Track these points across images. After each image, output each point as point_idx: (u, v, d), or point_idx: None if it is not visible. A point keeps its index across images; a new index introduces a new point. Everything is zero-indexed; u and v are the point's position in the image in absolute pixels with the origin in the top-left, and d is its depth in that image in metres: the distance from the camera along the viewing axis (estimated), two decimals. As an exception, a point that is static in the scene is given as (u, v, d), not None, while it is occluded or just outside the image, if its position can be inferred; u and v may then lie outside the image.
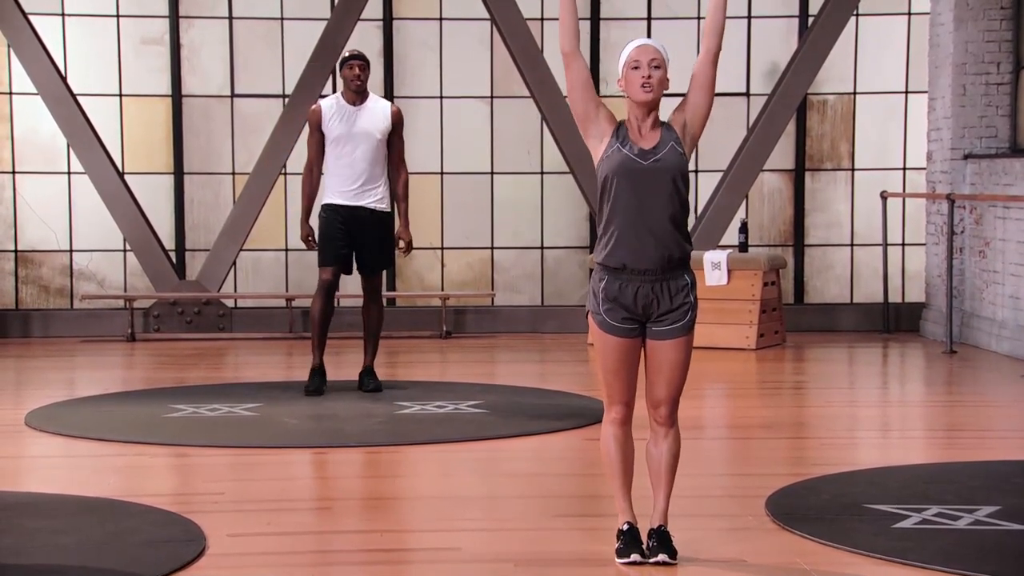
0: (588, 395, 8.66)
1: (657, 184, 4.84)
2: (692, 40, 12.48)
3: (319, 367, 8.69)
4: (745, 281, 11.09)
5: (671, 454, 5.01)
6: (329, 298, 8.65)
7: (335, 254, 8.60)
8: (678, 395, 4.98)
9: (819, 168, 12.76)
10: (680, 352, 4.93)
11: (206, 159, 12.54)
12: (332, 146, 8.60)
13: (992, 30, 11.55)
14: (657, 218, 4.84)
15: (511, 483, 6.44)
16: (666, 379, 4.94)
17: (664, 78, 4.90)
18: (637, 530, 5.00)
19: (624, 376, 4.95)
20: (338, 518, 5.79)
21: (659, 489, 5.02)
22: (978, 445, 7.45)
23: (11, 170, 12.31)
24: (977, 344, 11.20)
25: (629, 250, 4.86)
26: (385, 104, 8.77)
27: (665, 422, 4.99)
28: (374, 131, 8.59)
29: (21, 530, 5.43)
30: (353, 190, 8.58)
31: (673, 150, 4.88)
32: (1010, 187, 10.83)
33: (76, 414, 8.11)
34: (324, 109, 8.64)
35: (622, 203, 4.86)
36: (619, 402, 4.97)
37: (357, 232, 8.58)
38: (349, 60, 8.66)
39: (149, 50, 12.46)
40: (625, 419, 4.99)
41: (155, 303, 12.14)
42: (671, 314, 4.91)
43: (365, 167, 8.57)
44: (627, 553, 4.95)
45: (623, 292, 4.89)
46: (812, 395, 9.35)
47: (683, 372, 4.95)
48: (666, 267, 4.87)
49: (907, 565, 4.96)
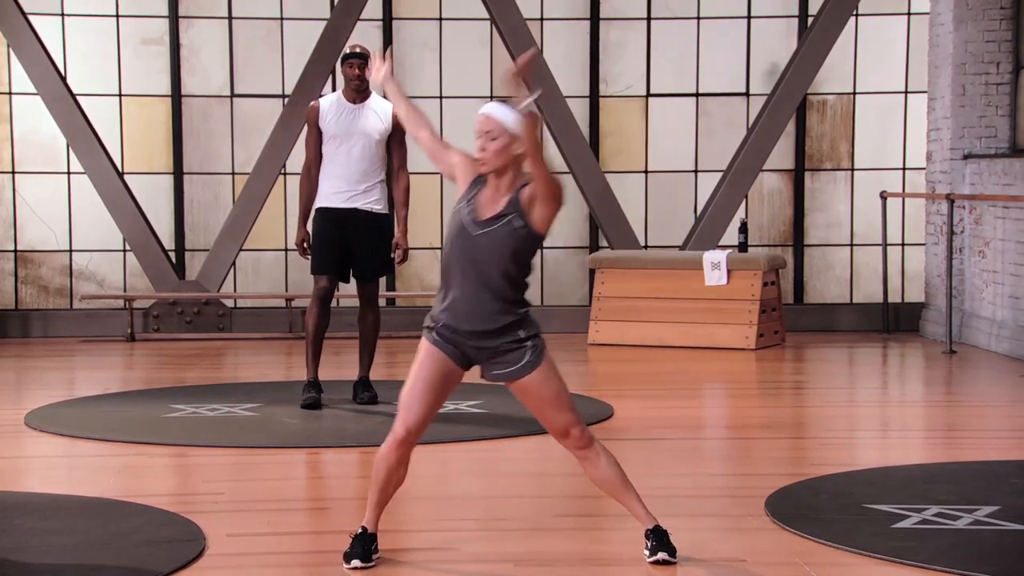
0: (588, 395, 8.66)
1: (486, 254, 4.81)
2: (692, 40, 12.49)
3: (314, 380, 8.31)
4: (745, 281, 11.09)
5: (612, 467, 4.97)
6: (325, 308, 8.25)
7: (330, 261, 8.24)
8: (574, 416, 4.92)
9: (819, 168, 12.76)
10: (540, 386, 4.89)
11: (206, 159, 12.55)
12: (329, 145, 8.26)
13: (992, 30, 11.55)
14: (478, 286, 4.82)
15: (511, 483, 6.44)
16: (548, 410, 4.91)
17: (503, 148, 4.80)
18: (371, 536, 4.97)
19: (425, 399, 4.89)
20: (338, 518, 5.78)
21: (627, 499, 4.99)
22: (978, 445, 7.45)
23: (11, 170, 12.32)
24: (977, 344, 11.20)
25: (458, 311, 4.85)
26: (386, 105, 8.34)
27: (582, 444, 4.94)
28: (372, 131, 8.26)
29: (21, 530, 5.43)
30: (349, 191, 8.23)
31: (509, 225, 4.80)
32: (1010, 187, 10.83)
33: (76, 414, 8.11)
34: (322, 106, 8.32)
35: (454, 264, 4.86)
36: (403, 423, 4.89)
37: (353, 236, 8.22)
38: (350, 58, 8.28)
39: (149, 50, 12.47)
40: (404, 441, 4.91)
41: (155, 303, 12.14)
42: (504, 359, 4.89)
43: (362, 168, 8.23)
44: (349, 558, 4.95)
45: (456, 339, 4.88)
46: (812, 395, 9.35)
47: (560, 398, 4.90)
48: (486, 331, 4.85)
49: (907, 565, 4.96)
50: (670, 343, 11.14)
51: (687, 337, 11.13)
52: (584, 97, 12.57)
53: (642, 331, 11.25)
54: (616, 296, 11.40)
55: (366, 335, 8.38)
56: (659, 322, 11.25)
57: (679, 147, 12.70)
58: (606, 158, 12.62)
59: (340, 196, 8.26)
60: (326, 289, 8.24)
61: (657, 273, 11.38)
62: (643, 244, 12.56)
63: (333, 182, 8.28)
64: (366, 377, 8.44)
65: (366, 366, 8.42)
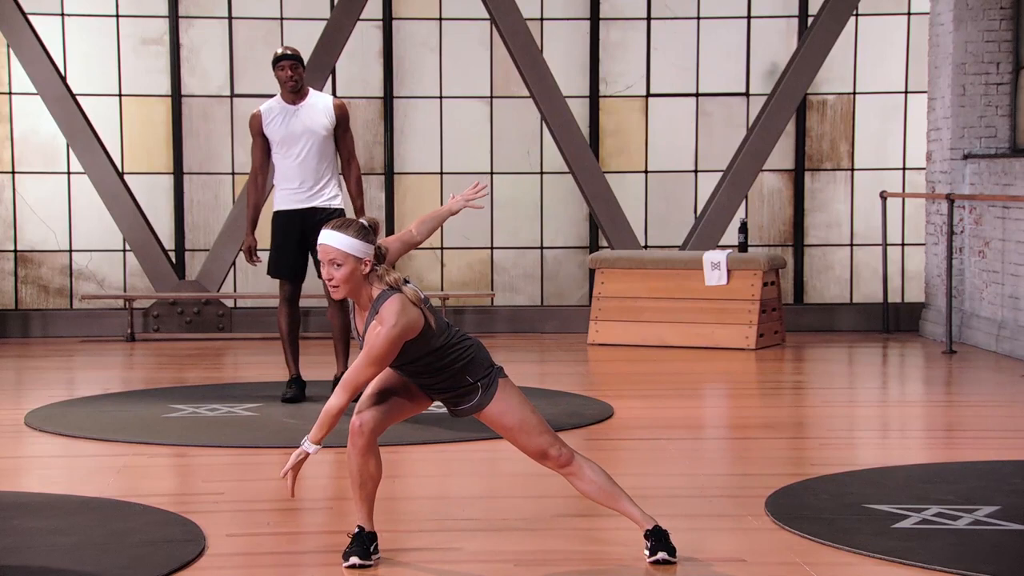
0: (588, 395, 8.66)
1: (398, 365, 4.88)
2: (692, 40, 12.49)
3: (297, 376, 8.50)
4: (745, 281, 11.09)
5: (599, 475, 4.97)
6: (293, 309, 8.44)
7: (289, 265, 8.41)
8: (548, 437, 4.92)
9: (819, 168, 12.76)
10: (504, 415, 4.91)
11: (206, 159, 12.55)
12: (277, 148, 8.33)
13: (992, 30, 11.55)
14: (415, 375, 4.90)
15: (511, 483, 6.44)
16: (520, 436, 4.93)
17: (350, 274, 4.74)
18: (369, 535, 5.01)
19: (383, 395, 4.97)
20: (338, 518, 5.78)
21: (620, 505, 4.99)
22: (978, 445, 7.45)
23: (11, 170, 12.32)
24: (977, 344, 11.20)
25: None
26: (327, 99, 8.45)
27: (563, 463, 4.94)
28: (318, 128, 8.29)
29: (21, 530, 5.43)
30: (303, 191, 8.32)
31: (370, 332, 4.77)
32: (1010, 187, 10.83)
33: (76, 414, 8.10)
34: (264, 112, 8.37)
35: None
36: (363, 409, 4.97)
37: (313, 235, 8.08)
38: (280, 60, 8.31)
39: (149, 50, 12.46)
40: (358, 433, 4.98)
41: (155, 303, 12.14)
42: (464, 399, 4.92)
43: (313, 166, 8.29)
44: (347, 556, 4.98)
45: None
46: (812, 395, 9.35)
47: (527, 422, 4.91)
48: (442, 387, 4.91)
49: (907, 565, 4.96)
50: (670, 343, 11.14)
51: (687, 337, 11.13)
52: (584, 97, 12.57)
53: (642, 331, 11.24)
54: (616, 296, 11.40)
55: (338, 332, 8.47)
56: (659, 322, 11.25)
57: (679, 147, 12.70)
58: (606, 158, 12.62)
59: (296, 197, 8.38)
60: (291, 291, 8.48)
61: (657, 273, 11.38)
62: (643, 244, 12.56)
63: (287, 185, 8.38)
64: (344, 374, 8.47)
65: (343, 362, 8.49)
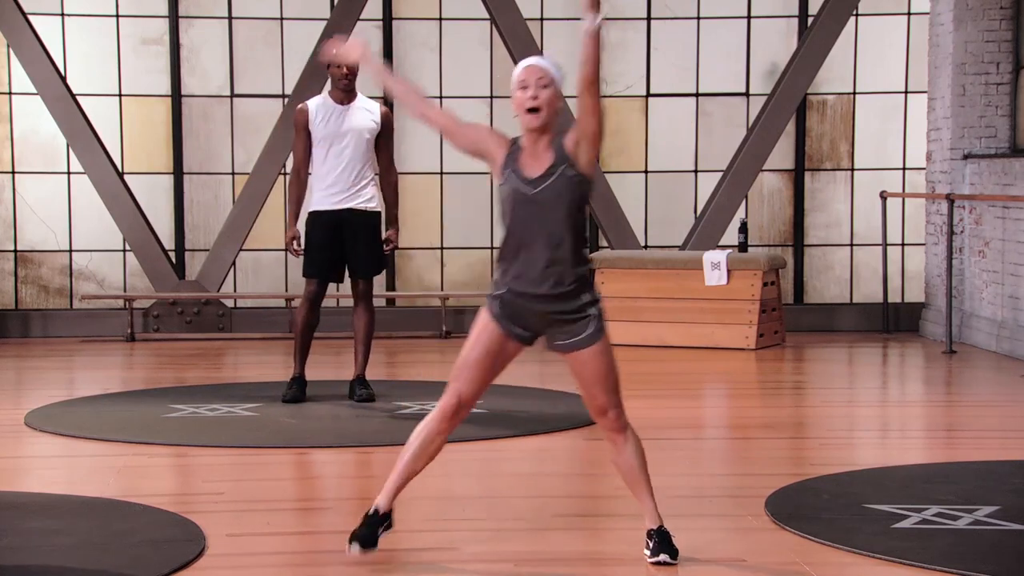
0: (588, 395, 8.65)
1: (545, 212, 4.80)
2: (692, 40, 12.49)
3: (299, 376, 8.42)
4: (745, 281, 11.09)
5: (637, 457, 4.99)
6: (314, 309, 8.33)
7: (322, 265, 8.29)
8: (616, 398, 4.94)
9: (819, 168, 12.76)
10: (596, 360, 4.90)
11: (206, 159, 12.54)
12: (319, 147, 8.25)
13: (992, 30, 11.55)
14: (546, 246, 4.81)
15: (511, 483, 6.44)
16: (596, 388, 4.92)
17: (553, 98, 4.82)
18: (382, 517, 5.00)
19: (478, 369, 4.90)
20: (338, 518, 5.78)
21: (641, 493, 5.01)
22: (978, 445, 7.45)
23: (11, 170, 12.32)
24: (977, 344, 11.20)
25: (521, 277, 4.85)
26: (375, 104, 8.41)
27: (616, 427, 4.95)
28: (363, 130, 8.25)
29: (21, 530, 5.43)
30: (342, 192, 8.23)
31: (563, 176, 4.82)
32: (1010, 187, 10.83)
33: (76, 414, 8.10)
34: (311, 109, 8.28)
35: (518, 231, 4.84)
36: (455, 392, 4.92)
37: (348, 236, 8.25)
38: None
39: (149, 50, 12.46)
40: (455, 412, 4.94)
41: (155, 303, 12.14)
42: (569, 328, 4.89)
43: (355, 168, 8.23)
44: (351, 540, 4.96)
45: (517, 312, 4.88)
46: (812, 395, 9.35)
47: (609, 377, 4.92)
48: (558, 293, 4.85)
49: (907, 565, 4.96)
50: (670, 343, 11.14)
51: (687, 337, 11.13)
52: (584, 97, 12.54)
53: (642, 331, 11.24)
54: (616, 296, 11.39)
55: (360, 333, 8.40)
56: (659, 322, 11.25)
57: (679, 147, 12.70)
58: (606, 158, 12.62)
59: (334, 198, 8.27)
60: (316, 293, 8.33)
61: (657, 273, 11.38)
62: (643, 244, 12.56)
63: (326, 184, 8.29)
64: (362, 375, 8.45)
65: (361, 364, 8.43)
